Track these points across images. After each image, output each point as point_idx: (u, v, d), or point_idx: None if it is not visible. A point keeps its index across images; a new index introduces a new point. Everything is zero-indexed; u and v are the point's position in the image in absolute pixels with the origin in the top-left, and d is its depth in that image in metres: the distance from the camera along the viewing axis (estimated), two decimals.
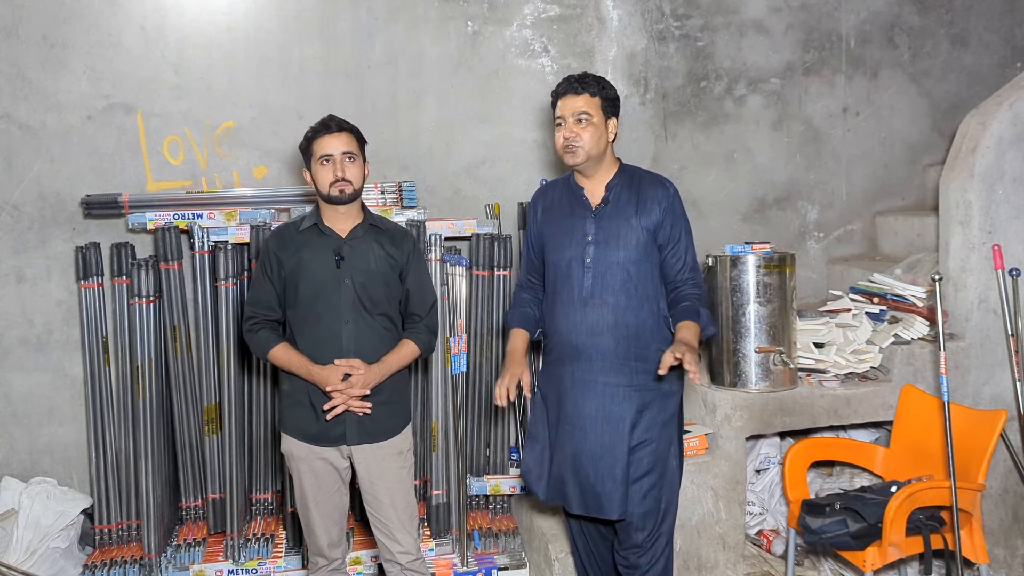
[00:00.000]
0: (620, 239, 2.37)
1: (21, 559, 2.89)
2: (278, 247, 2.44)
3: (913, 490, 2.53)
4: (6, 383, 3.20)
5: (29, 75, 3.11)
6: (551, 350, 2.48)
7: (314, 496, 2.44)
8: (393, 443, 2.45)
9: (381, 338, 2.43)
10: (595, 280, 2.37)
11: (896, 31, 3.86)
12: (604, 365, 2.37)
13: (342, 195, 2.37)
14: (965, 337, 3.10)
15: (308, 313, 2.40)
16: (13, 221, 3.15)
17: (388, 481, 2.43)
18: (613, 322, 2.36)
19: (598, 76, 2.43)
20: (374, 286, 2.41)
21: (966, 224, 3.11)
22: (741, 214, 3.76)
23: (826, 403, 3.04)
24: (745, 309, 2.98)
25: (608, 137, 2.42)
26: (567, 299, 2.40)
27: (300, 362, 2.38)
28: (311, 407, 2.40)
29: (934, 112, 3.93)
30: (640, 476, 2.37)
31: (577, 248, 2.39)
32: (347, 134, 2.41)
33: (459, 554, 3.07)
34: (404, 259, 2.48)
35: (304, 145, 2.44)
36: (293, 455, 2.44)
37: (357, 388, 2.35)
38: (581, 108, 2.36)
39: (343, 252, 2.40)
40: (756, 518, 3.23)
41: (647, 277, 2.39)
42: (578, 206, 2.43)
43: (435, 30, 3.41)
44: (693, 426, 3.10)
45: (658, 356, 2.31)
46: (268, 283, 2.44)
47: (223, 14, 3.25)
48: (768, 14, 3.72)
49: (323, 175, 2.38)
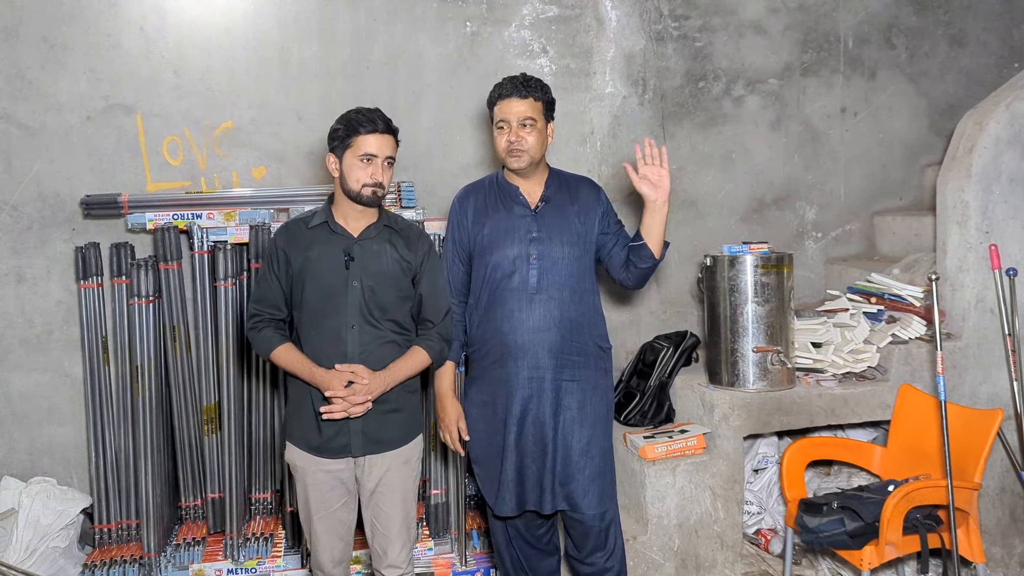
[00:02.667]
0: (563, 235, 2.44)
1: (21, 558, 2.89)
2: (286, 244, 2.34)
3: (910, 489, 2.54)
4: (6, 383, 3.20)
5: (29, 75, 3.11)
6: (487, 353, 2.47)
7: (317, 510, 2.33)
8: (400, 452, 2.34)
9: (389, 344, 2.32)
10: (540, 276, 2.41)
11: (894, 32, 3.86)
12: (550, 361, 2.42)
13: (373, 197, 2.28)
14: (962, 337, 3.11)
15: (314, 314, 2.30)
16: (13, 221, 3.16)
17: (391, 491, 2.33)
18: (559, 317, 2.42)
19: (538, 78, 2.46)
20: (384, 290, 2.30)
21: (963, 224, 3.11)
22: (739, 214, 3.77)
23: (824, 403, 3.04)
24: (743, 309, 2.98)
25: (549, 140, 2.47)
26: (510, 297, 2.42)
27: (303, 364, 2.27)
28: (314, 415, 2.29)
29: (932, 112, 3.94)
30: (592, 469, 2.44)
31: (520, 245, 2.42)
32: (393, 138, 2.31)
33: (458, 553, 3.07)
34: (418, 262, 2.37)
35: (343, 133, 2.28)
36: (296, 466, 2.35)
37: (359, 396, 2.23)
38: (526, 113, 2.39)
39: (353, 252, 2.30)
40: (754, 517, 3.24)
41: (586, 271, 2.50)
42: (516, 205, 2.47)
43: (434, 31, 3.42)
44: (691, 425, 3.11)
45: (596, 351, 2.48)
46: (275, 280, 2.35)
47: (222, 15, 3.25)
48: (766, 15, 3.72)
49: (358, 173, 2.26)
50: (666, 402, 3.27)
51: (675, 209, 3.69)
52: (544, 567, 2.62)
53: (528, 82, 2.42)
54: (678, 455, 2.98)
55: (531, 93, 2.41)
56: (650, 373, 3.31)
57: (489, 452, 2.49)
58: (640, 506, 2.99)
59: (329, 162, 2.33)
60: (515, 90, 2.40)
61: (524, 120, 2.38)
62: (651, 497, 2.94)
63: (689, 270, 3.70)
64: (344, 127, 2.28)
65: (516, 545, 2.59)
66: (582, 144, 3.59)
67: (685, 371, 3.33)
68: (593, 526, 2.45)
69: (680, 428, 3.10)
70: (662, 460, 2.96)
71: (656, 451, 2.97)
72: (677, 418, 3.27)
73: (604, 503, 2.46)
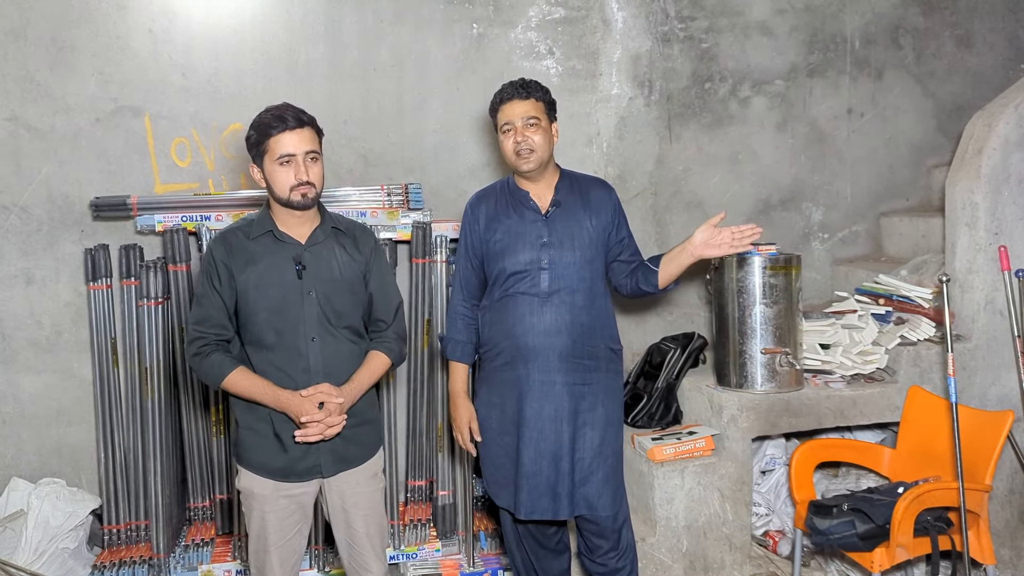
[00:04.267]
0: (574, 239, 2.44)
1: (30, 560, 2.90)
2: (227, 256, 2.13)
3: (921, 491, 2.53)
4: (15, 384, 3.21)
5: (38, 77, 3.12)
6: (497, 355, 2.47)
7: (276, 539, 2.18)
8: (368, 466, 2.25)
9: (350, 353, 2.19)
10: (552, 281, 2.41)
11: (901, 32, 3.86)
12: (561, 364, 2.41)
13: (305, 199, 2.10)
14: (972, 338, 3.10)
15: (266, 330, 2.12)
16: (22, 223, 3.16)
17: (362, 507, 2.24)
18: (570, 321, 2.41)
19: (536, 80, 2.47)
20: (339, 296, 2.17)
21: (972, 226, 3.11)
22: (745, 215, 3.77)
23: (832, 404, 3.04)
24: (751, 310, 2.98)
25: (554, 140, 2.47)
26: (523, 301, 2.42)
27: (264, 389, 2.09)
28: (275, 438, 2.14)
29: (939, 113, 3.93)
30: (605, 471, 2.43)
31: (531, 251, 2.43)
32: (309, 129, 2.11)
33: (465, 555, 3.07)
34: (366, 260, 2.23)
35: (255, 139, 2.10)
36: (254, 494, 2.17)
37: (336, 416, 2.10)
38: (530, 112, 2.40)
39: (304, 260, 2.14)
40: (762, 519, 3.23)
41: (598, 275, 2.49)
42: (527, 210, 2.47)
43: (440, 32, 3.42)
44: (699, 427, 3.11)
45: (607, 353, 2.48)
46: (216, 297, 2.13)
47: (230, 17, 3.26)
48: (772, 16, 3.72)
49: (282, 177, 2.08)
50: (673, 404, 3.27)
51: (681, 210, 3.69)
52: (554, 567, 2.62)
53: (527, 84, 2.44)
54: (686, 457, 2.98)
55: (532, 94, 2.42)
56: (657, 375, 3.31)
57: (498, 453, 2.48)
58: (648, 508, 2.99)
59: (253, 173, 2.16)
60: (515, 92, 2.42)
61: (528, 119, 2.39)
62: (659, 499, 2.94)
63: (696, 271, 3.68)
64: (256, 132, 2.11)
65: (526, 544, 2.58)
66: (588, 145, 3.59)
67: (693, 373, 3.33)
68: (606, 527, 2.45)
69: (688, 430, 3.10)
70: (670, 462, 2.96)
71: (664, 453, 2.97)
72: (685, 420, 3.27)
73: (617, 503, 2.46)
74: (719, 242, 2.42)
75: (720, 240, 2.42)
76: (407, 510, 3.19)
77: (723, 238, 2.42)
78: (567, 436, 2.40)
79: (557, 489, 2.40)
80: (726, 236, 2.41)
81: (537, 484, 2.40)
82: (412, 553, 3.08)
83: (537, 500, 2.40)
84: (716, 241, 2.42)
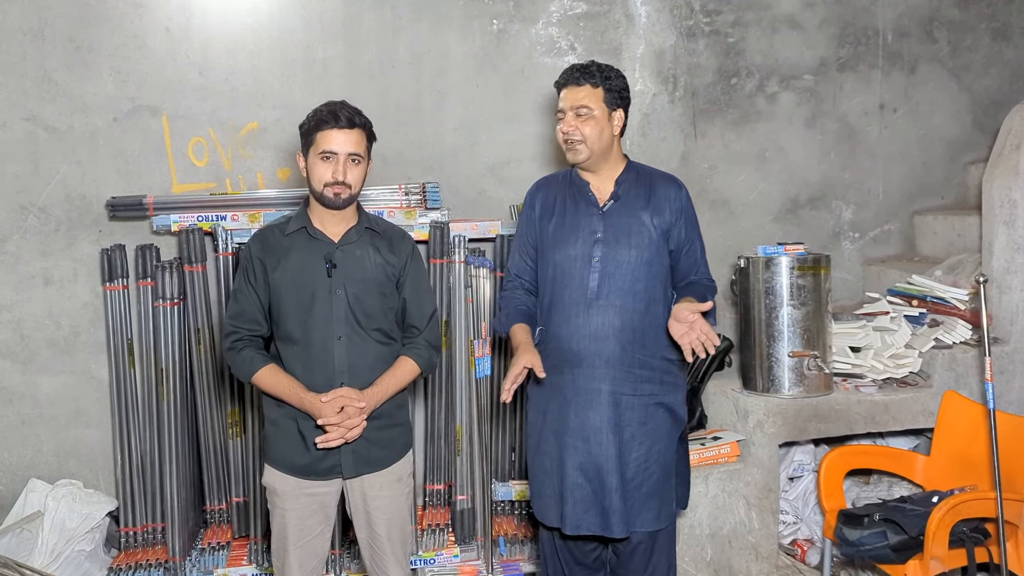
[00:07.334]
0: (631, 237, 2.25)
1: (46, 562, 2.89)
2: (262, 252, 2.18)
3: (957, 501, 2.44)
4: (34, 385, 3.21)
5: (55, 77, 3.12)
6: (545, 357, 2.25)
7: (296, 539, 2.20)
8: (393, 470, 2.24)
9: (377, 355, 2.19)
10: (602, 280, 2.24)
11: (935, 25, 3.75)
12: (608, 372, 2.23)
13: (336, 199, 2.13)
14: (1010, 341, 3.00)
15: (295, 328, 2.15)
16: (40, 223, 3.16)
17: (385, 511, 2.22)
18: (620, 326, 2.23)
19: (603, 65, 2.28)
20: (369, 297, 2.17)
21: (1011, 224, 3.00)
22: (773, 214, 3.68)
23: (863, 409, 2.95)
24: (778, 312, 2.90)
25: (613, 131, 2.28)
26: (569, 301, 2.26)
27: (291, 388, 2.13)
28: (299, 435, 2.16)
29: (975, 108, 3.82)
30: (649, 487, 2.25)
31: (583, 246, 2.26)
32: (358, 131, 2.14)
33: (484, 560, 3.02)
34: (401, 265, 2.23)
35: (306, 129, 2.16)
36: (277, 491, 2.21)
37: (355, 419, 2.11)
38: (581, 101, 2.23)
39: (335, 259, 2.16)
40: (790, 527, 3.15)
41: (657, 279, 2.28)
42: (583, 202, 2.30)
43: (460, 29, 3.37)
44: (724, 432, 3.03)
45: (664, 365, 2.26)
46: (252, 293, 2.18)
47: (247, 15, 3.23)
48: (801, 8, 3.62)
49: (320, 172, 2.12)
50: (698, 408, 3.19)
51: (706, 209, 3.60)
52: None
53: (587, 68, 2.25)
54: (711, 463, 2.90)
55: (588, 80, 2.23)
56: None
57: (544, 460, 2.33)
58: None
59: (299, 161, 2.21)
60: (570, 77, 2.26)
61: (578, 108, 2.23)
62: None
63: (721, 272, 3.59)
64: (308, 123, 2.16)
65: (561, 557, 2.41)
66: None
67: (718, 376, 3.25)
68: (641, 542, 2.29)
69: (713, 435, 3.02)
70: (694, 468, 2.87)
71: None
72: (709, 424, 3.19)
73: (662, 521, 2.29)
74: (680, 331, 2.16)
75: (683, 326, 2.15)
76: (425, 515, 3.14)
77: (684, 326, 2.15)
78: (613, 450, 2.23)
79: (604, 504, 2.22)
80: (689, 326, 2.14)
81: (583, 497, 2.24)
82: (430, 559, 3.03)
83: (583, 514, 2.24)
84: (679, 328, 2.17)
